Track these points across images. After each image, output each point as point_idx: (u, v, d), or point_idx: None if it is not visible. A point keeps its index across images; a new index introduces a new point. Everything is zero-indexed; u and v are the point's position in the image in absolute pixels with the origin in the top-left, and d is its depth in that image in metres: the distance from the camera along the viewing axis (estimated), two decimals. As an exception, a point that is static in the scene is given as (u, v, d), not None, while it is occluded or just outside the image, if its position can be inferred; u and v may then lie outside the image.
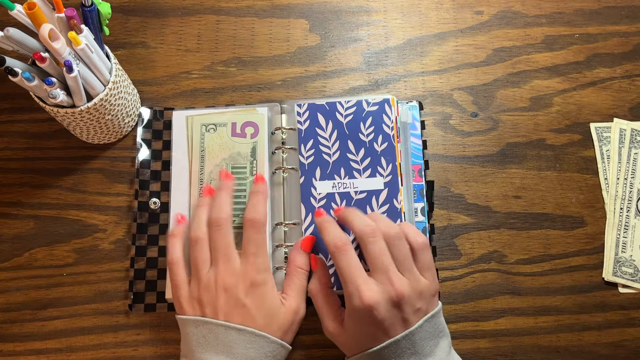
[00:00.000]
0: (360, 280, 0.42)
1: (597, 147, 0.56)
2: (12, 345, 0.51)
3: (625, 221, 0.54)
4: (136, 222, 0.53)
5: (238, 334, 0.43)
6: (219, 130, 0.54)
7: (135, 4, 0.61)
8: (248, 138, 0.54)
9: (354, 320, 0.43)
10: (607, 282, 0.52)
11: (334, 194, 0.52)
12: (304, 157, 0.53)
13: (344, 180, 0.52)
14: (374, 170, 0.52)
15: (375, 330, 0.42)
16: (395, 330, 0.42)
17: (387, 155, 0.52)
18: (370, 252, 0.43)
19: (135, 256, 0.52)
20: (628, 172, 0.55)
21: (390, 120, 0.53)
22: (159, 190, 0.54)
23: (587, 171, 0.56)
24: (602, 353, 0.51)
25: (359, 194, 0.51)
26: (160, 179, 0.54)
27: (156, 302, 0.51)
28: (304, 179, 0.52)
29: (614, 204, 0.55)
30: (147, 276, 0.52)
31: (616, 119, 0.57)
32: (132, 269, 0.52)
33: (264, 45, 0.60)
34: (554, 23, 0.61)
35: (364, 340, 0.43)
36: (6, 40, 0.44)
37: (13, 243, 0.53)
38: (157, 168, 0.55)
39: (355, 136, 0.53)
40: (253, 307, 0.45)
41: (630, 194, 0.55)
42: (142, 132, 0.56)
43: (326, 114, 0.54)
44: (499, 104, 0.58)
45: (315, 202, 0.51)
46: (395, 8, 0.62)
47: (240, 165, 0.53)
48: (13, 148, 0.56)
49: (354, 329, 0.43)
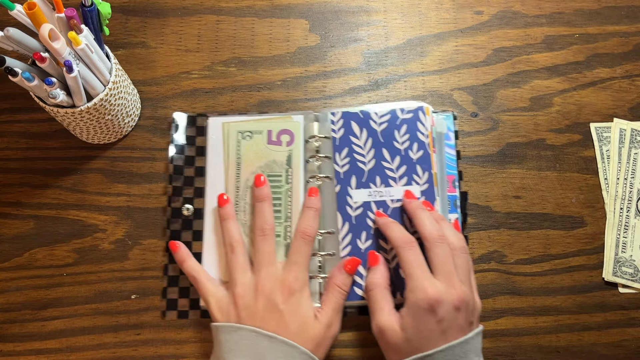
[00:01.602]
0: (425, 275, 0.43)
1: (597, 147, 0.57)
2: (12, 345, 0.51)
3: (625, 221, 0.54)
4: (169, 229, 0.53)
5: (269, 342, 0.43)
6: (255, 138, 0.54)
7: (135, 4, 0.61)
8: (284, 146, 0.54)
9: (412, 316, 0.42)
10: (607, 282, 0.53)
11: (370, 202, 0.51)
12: (339, 166, 0.52)
13: (380, 189, 0.52)
14: (409, 179, 0.52)
15: (432, 329, 0.41)
16: (452, 334, 0.42)
17: (422, 164, 0.52)
18: (438, 254, 0.44)
19: (169, 263, 0.52)
20: (628, 172, 0.55)
21: (425, 128, 0.53)
22: (192, 196, 0.54)
23: (587, 171, 0.56)
24: (602, 353, 0.51)
25: (395, 202, 0.51)
26: (193, 185, 0.54)
27: (189, 308, 0.51)
28: (340, 187, 0.52)
29: (614, 204, 0.55)
30: (180, 283, 0.52)
31: (616, 119, 0.57)
32: (166, 276, 0.52)
33: (264, 45, 0.60)
34: (554, 23, 0.61)
35: (419, 339, 0.42)
36: (6, 40, 0.44)
37: (13, 243, 0.53)
38: (191, 174, 0.54)
39: (390, 144, 0.52)
40: (288, 314, 0.44)
41: (630, 194, 0.55)
42: (176, 138, 0.55)
43: (360, 122, 0.53)
44: (499, 104, 0.58)
45: (351, 210, 0.51)
46: (395, 8, 0.62)
47: (275, 174, 0.53)
48: (13, 148, 0.56)
49: (411, 325, 0.42)
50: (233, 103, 0.58)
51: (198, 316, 0.51)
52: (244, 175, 0.53)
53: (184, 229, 0.53)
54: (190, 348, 0.50)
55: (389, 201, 0.51)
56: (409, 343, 0.42)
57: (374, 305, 0.46)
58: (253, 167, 0.53)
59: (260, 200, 0.50)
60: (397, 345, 0.43)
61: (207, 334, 0.51)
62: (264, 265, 0.47)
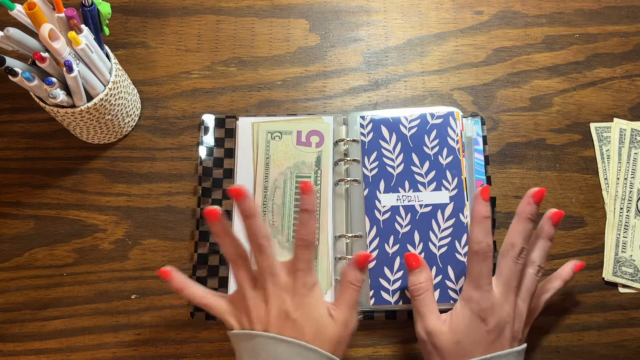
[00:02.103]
0: (487, 282, 0.43)
1: (597, 147, 0.57)
2: (12, 345, 0.51)
3: (625, 221, 0.54)
4: (198, 229, 0.53)
5: (288, 347, 0.42)
6: (284, 138, 0.54)
7: (135, 4, 0.61)
8: (313, 147, 0.54)
9: (465, 319, 0.43)
10: (607, 282, 0.53)
11: (399, 207, 0.51)
12: (368, 170, 0.52)
13: (409, 194, 0.52)
14: (439, 184, 0.52)
15: (484, 335, 0.42)
16: (502, 344, 0.42)
17: (452, 169, 0.52)
18: (510, 268, 0.44)
19: (197, 264, 0.52)
20: (628, 172, 0.55)
21: (455, 133, 0.53)
22: (220, 198, 0.54)
23: (587, 171, 0.56)
24: (602, 353, 0.51)
25: (424, 207, 0.51)
26: (222, 186, 0.54)
27: None
28: (368, 191, 0.52)
29: (614, 204, 0.55)
30: (208, 284, 0.51)
31: (616, 119, 0.57)
32: (194, 277, 0.52)
33: (264, 45, 0.60)
34: (554, 23, 0.61)
35: (466, 345, 0.43)
36: (6, 40, 0.44)
37: (13, 243, 0.53)
38: (219, 176, 0.54)
39: (420, 149, 0.53)
40: (302, 320, 0.44)
41: (630, 194, 0.55)
42: (204, 140, 0.55)
43: (390, 126, 0.53)
44: (499, 104, 0.58)
45: (379, 214, 0.51)
46: (395, 8, 0.62)
47: (304, 175, 0.53)
48: (13, 148, 0.56)
49: (462, 329, 0.43)
50: (233, 103, 0.58)
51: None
52: (273, 175, 0.53)
53: None
54: (190, 348, 0.50)
55: (418, 206, 0.51)
56: (457, 347, 0.43)
57: (422, 309, 0.46)
58: (282, 168, 0.53)
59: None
60: (446, 348, 0.44)
61: (207, 334, 0.51)
62: (269, 276, 0.45)
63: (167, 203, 0.54)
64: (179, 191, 0.55)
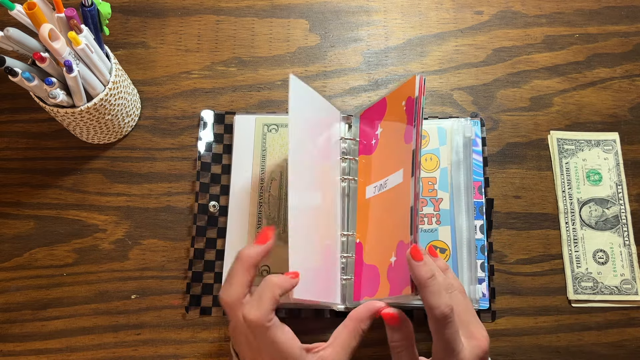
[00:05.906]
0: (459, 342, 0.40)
1: (556, 159, 0.56)
2: (12, 345, 0.51)
3: (573, 235, 0.53)
4: (195, 224, 0.53)
5: None
6: (281, 131, 0.54)
7: (135, 4, 0.61)
8: None
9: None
10: (572, 301, 0.52)
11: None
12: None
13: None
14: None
15: None
16: None
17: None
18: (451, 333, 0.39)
19: (194, 259, 0.52)
20: (564, 183, 0.54)
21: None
22: (218, 193, 0.54)
23: (587, 171, 0.56)
24: (602, 353, 0.51)
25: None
26: (220, 182, 0.54)
27: (212, 305, 0.51)
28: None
29: (563, 219, 0.54)
30: (204, 279, 0.52)
31: (552, 131, 0.56)
32: (190, 271, 0.52)
33: (264, 45, 0.60)
34: (554, 23, 0.61)
35: None
36: (6, 40, 0.44)
37: (13, 243, 0.53)
38: (217, 172, 0.55)
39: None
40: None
41: (572, 206, 0.54)
42: (203, 135, 0.55)
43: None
44: (499, 104, 0.58)
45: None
46: (395, 8, 0.62)
47: None
48: (13, 148, 0.56)
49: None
50: (233, 103, 0.58)
51: (222, 314, 0.51)
52: (269, 167, 0.53)
53: (209, 225, 0.53)
54: (190, 348, 0.50)
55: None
56: None
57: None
58: (278, 160, 0.53)
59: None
60: None
61: (207, 334, 0.51)
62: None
63: (167, 203, 0.54)
64: (179, 191, 0.55)
